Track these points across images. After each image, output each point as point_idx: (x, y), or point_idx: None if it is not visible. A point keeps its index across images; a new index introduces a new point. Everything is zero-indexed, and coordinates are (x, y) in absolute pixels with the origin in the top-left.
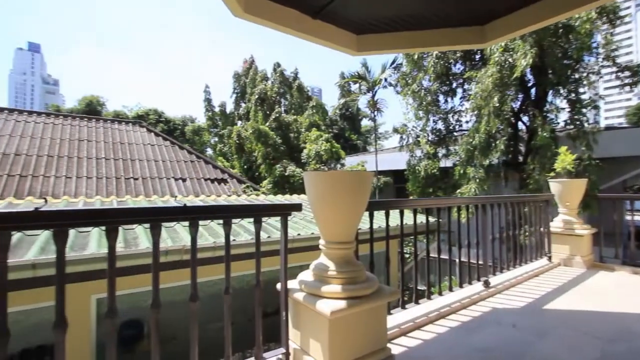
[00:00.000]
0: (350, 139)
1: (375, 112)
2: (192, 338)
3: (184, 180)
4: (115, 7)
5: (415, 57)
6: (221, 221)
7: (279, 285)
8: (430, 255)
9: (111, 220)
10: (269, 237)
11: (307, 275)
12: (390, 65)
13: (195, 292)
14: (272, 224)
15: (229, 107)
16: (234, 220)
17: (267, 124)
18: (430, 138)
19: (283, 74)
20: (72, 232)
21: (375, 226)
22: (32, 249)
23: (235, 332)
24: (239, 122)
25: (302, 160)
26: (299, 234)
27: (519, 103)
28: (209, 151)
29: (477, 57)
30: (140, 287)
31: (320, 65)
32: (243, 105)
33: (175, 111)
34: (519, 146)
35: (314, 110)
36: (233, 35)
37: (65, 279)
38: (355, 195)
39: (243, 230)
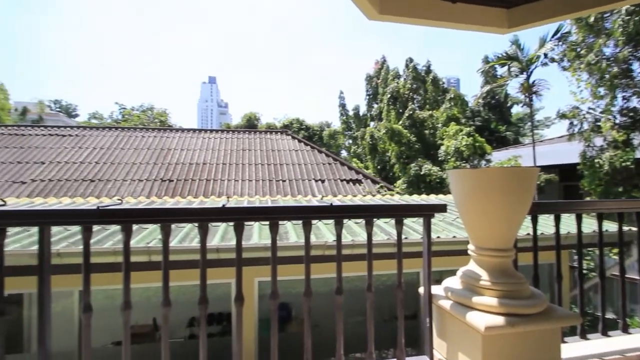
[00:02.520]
0: (497, 131)
1: (532, 96)
2: (338, 329)
3: (322, 181)
4: (264, 34)
5: (592, 19)
6: (359, 220)
7: (421, 290)
8: (626, 275)
9: (274, 216)
10: (406, 238)
11: (453, 282)
12: (553, 37)
13: (341, 285)
14: (407, 224)
15: (362, 110)
16: None
17: (400, 122)
18: (618, 121)
19: (416, 69)
20: None
21: (537, 232)
22: (216, 236)
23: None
24: (372, 123)
25: (440, 158)
26: (438, 237)
27: None
28: (344, 153)
29: None
30: (288, 276)
31: (458, 53)
32: (375, 106)
33: (313, 118)
34: None
35: (452, 103)
36: (364, 40)
37: (242, 263)
38: (514, 195)
39: (379, 230)
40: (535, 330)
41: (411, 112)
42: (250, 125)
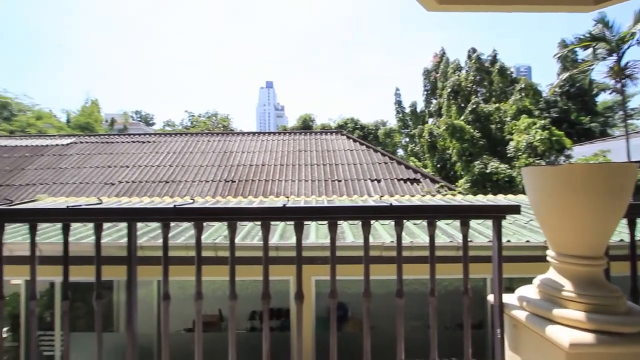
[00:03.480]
0: (579, 123)
1: (624, 81)
2: (398, 333)
3: (378, 181)
4: (317, 35)
5: None
6: (417, 221)
7: (490, 297)
8: None
9: (333, 216)
10: (470, 241)
11: (528, 292)
12: None
13: (402, 288)
14: (472, 226)
15: (419, 106)
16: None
17: (462, 117)
18: None
19: (479, 59)
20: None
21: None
22: (275, 235)
23: (428, 337)
24: (430, 120)
25: (508, 155)
26: (508, 241)
27: None
28: (400, 152)
29: None
30: (344, 276)
31: (528, 40)
32: (434, 101)
33: (368, 117)
34: None
35: (522, 94)
36: (421, 35)
37: (301, 261)
38: (605, 196)
39: (441, 232)
40: (636, 353)
41: (475, 106)
42: (306, 126)
